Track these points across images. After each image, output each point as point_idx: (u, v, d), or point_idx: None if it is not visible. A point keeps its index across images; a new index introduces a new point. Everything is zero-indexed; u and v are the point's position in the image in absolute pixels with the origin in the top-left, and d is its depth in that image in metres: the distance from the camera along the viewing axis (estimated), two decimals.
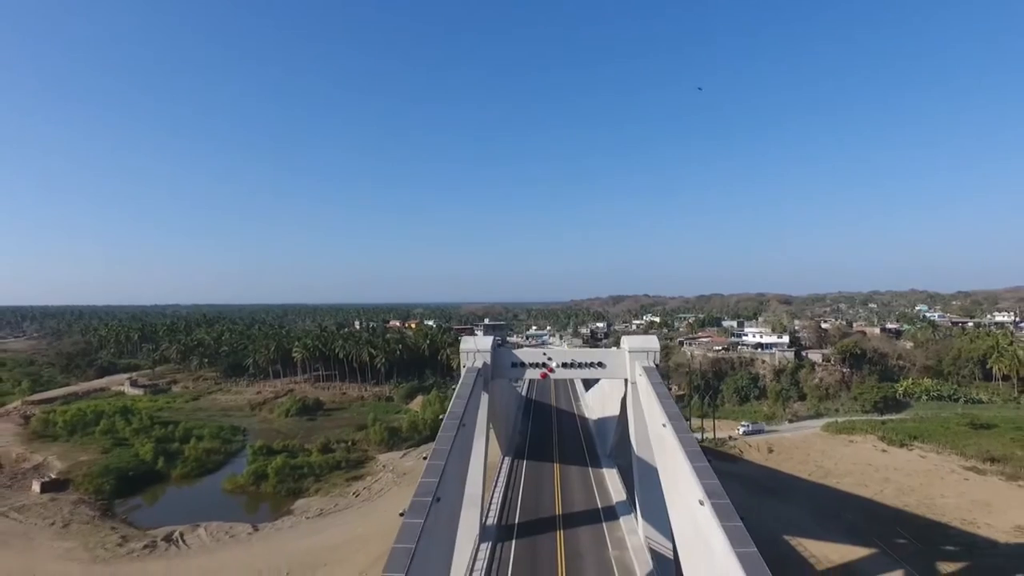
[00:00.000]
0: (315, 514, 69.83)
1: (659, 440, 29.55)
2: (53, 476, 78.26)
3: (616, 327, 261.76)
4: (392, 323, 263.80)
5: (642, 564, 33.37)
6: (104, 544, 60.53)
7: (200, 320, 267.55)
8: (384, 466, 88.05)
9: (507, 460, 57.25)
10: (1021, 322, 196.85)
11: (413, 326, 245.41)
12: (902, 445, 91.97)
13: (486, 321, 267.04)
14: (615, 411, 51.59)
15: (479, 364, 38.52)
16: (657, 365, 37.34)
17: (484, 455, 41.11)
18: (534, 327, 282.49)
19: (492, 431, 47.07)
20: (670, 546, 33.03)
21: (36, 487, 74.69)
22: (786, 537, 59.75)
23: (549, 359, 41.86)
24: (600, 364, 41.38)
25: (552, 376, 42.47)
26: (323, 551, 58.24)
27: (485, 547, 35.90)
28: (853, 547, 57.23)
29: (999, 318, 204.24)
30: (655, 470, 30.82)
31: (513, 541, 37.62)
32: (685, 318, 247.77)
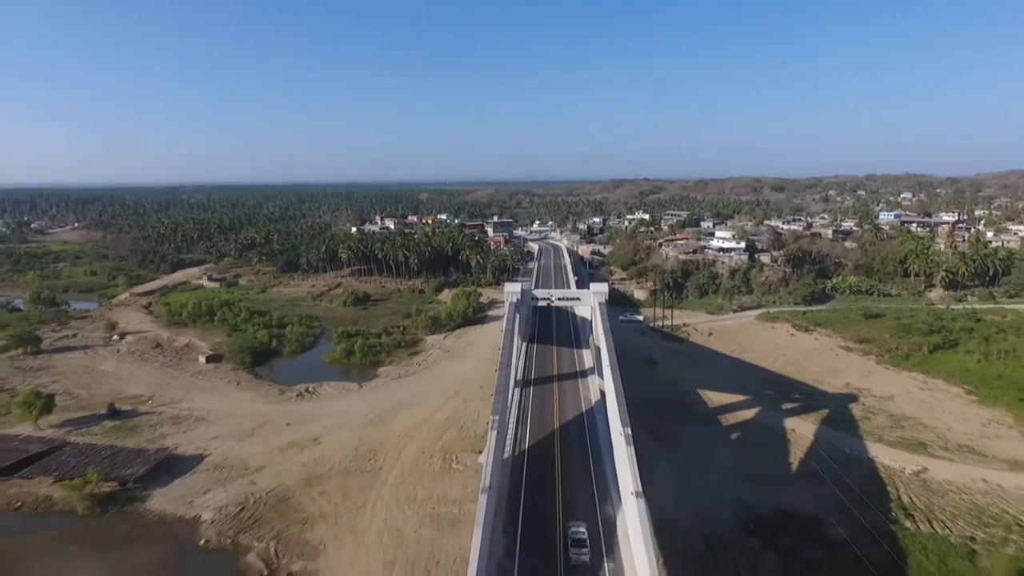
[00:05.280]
0: (395, 377, 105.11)
1: (602, 339, 62.07)
2: (209, 352, 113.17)
3: (611, 222, 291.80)
4: (411, 218, 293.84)
5: (595, 396, 67.41)
6: (270, 393, 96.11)
7: (242, 217, 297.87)
8: (432, 345, 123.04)
9: (524, 344, 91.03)
10: (961, 221, 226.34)
11: (429, 222, 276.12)
12: (807, 331, 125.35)
13: (495, 219, 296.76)
14: (589, 316, 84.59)
15: (514, 300, 71.04)
16: (607, 300, 69.75)
17: (516, 343, 74.45)
18: (537, 223, 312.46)
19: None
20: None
21: (202, 359, 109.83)
22: (698, 390, 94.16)
23: (551, 296, 74.40)
24: (578, 299, 73.85)
25: (552, 304, 75.05)
26: (409, 398, 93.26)
27: (517, 390, 69.99)
28: (737, 395, 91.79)
29: (945, 218, 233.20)
30: (599, 351, 63.83)
31: (531, 387, 71.67)
32: (671, 217, 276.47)
